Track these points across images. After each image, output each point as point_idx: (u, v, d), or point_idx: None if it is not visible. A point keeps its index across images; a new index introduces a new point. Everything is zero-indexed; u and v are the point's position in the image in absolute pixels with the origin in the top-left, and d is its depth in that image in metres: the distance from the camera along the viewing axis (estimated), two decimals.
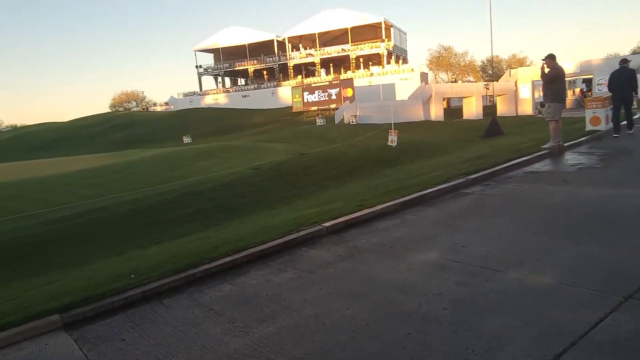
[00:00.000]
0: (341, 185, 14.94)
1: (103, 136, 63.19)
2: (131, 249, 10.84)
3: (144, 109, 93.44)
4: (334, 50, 65.48)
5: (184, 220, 13.60)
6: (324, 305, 4.16)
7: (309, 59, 66.28)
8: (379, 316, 3.81)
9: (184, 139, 50.19)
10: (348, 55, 63.85)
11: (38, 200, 18.04)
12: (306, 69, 69.16)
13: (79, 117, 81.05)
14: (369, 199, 8.10)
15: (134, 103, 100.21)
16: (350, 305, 4.09)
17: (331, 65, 67.46)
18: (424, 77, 58.38)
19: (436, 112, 39.65)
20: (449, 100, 48.55)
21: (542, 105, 33.45)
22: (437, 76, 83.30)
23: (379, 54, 63.31)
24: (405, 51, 73.25)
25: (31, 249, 12.07)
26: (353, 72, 62.03)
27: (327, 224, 6.58)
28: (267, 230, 6.85)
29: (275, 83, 66.11)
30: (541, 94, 14.22)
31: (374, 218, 6.87)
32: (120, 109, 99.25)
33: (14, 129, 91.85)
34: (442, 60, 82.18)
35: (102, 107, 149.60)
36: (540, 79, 12.02)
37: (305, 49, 68.08)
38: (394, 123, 25.65)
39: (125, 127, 65.76)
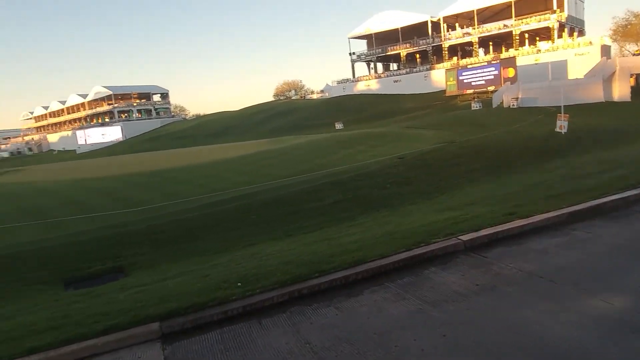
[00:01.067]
0: (492, 181, 13.05)
1: (267, 123, 67.90)
2: (263, 240, 10.81)
3: (302, 97, 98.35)
4: (494, 27, 59.86)
5: (320, 212, 13.26)
6: None
7: (466, 39, 61.72)
8: None
9: (336, 125, 51.44)
10: (510, 32, 57.76)
11: (199, 185, 19.61)
12: (462, 50, 64.62)
13: (247, 106, 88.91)
14: (524, 203, 6.52)
15: (294, 91, 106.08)
16: None
17: (490, 43, 61.88)
18: (605, 50, 49.82)
19: (620, 91, 33.36)
20: (637, 76, 40.58)
21: None
22: (623, 49, 70.70)
23: (548, 27, 55.91)
24: (581, 22, 63.56)
25: (183, 233, 12.94)
26: (516, 49, 55.96)
27: (465, 237, 5.31)
28: (392, 239, 5.85)
29: (428, 66, 63.29)
30: None
31: (529, 233, 5.37)
32: (283, 97, 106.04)
33: (197, 117, 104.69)
34: (631, 29, 69.25)
35: (267, 96, 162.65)
36: None
37: (462, 27, 63.60)
38: (564, 106, 22.00)
39: (286, 114, 69.87)
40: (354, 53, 71.68)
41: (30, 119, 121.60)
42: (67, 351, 4.19)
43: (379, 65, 75.01)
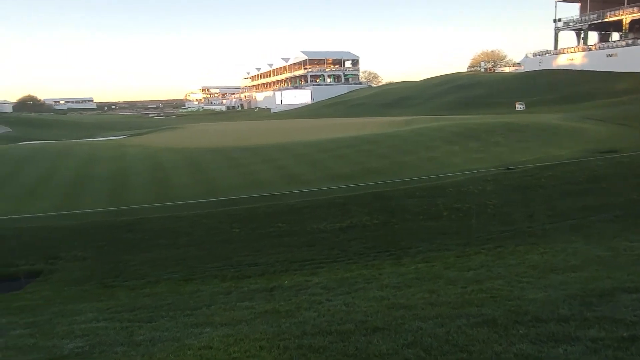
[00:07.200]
0: (619, 234, 7.03)
1: (442, 96, 61.79)
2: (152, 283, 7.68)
3: (490, 69, 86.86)
4: None
5: (290, 245, 9.35)
6: None
7: None
8: None
9: (517, 106, 43.87)
10: None
11: (244, 173, 16.79)
12: None
13: (430, 77, 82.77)
14: None
15: (483, 63, 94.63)
16: None
17: None
18: None
19: None
20: None
21: None
22: None
23: None
24: None
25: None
26: None
27: None
28: None
29: None
30: None
31: None
32: (477, 68, 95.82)
33: (380, 86, 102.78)
34: None
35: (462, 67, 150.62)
36: None
37: None
38: None
39: (465, 88, 62.43)
40: (559, 20, 58.62)
41: (247, 78, 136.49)
42: None
43: (592, 36, 60.10)
